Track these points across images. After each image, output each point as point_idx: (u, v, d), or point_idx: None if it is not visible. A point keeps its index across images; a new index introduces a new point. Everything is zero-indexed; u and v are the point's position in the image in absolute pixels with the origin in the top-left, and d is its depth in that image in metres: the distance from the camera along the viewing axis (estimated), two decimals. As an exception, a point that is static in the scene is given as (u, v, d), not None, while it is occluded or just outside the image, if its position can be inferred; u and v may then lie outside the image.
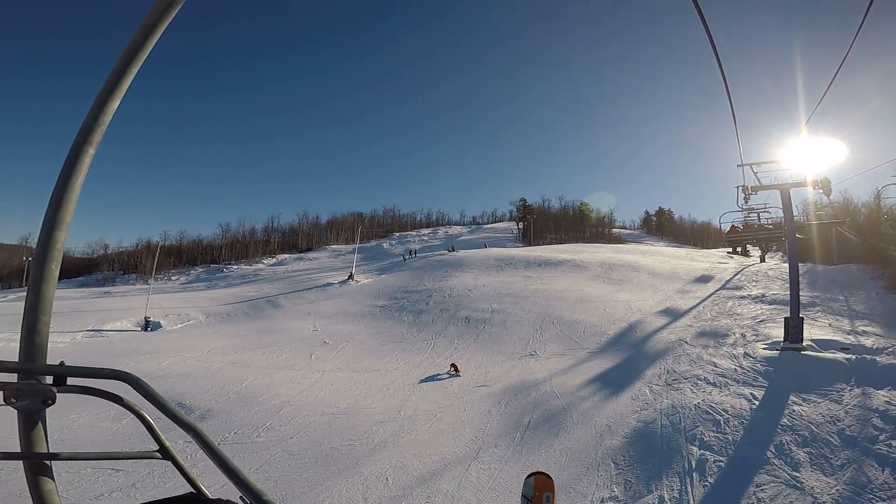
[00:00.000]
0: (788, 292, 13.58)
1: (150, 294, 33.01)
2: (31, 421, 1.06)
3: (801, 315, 12.88)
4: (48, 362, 1.08)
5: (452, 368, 14.82)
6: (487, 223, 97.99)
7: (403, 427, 10.56)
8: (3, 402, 0.98)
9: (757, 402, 9.42)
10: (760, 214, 26.05)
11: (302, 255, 76.37)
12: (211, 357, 17.89)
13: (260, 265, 72.69)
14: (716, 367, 12.14)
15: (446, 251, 47.06)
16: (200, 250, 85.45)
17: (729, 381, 11.00)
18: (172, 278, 71.40)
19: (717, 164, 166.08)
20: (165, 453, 1.12)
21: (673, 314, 18.74)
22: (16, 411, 0.99)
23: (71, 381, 1.07)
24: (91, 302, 37.51)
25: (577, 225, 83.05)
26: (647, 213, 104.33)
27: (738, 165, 14.85)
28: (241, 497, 0.88)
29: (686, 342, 14.84)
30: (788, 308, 13.15)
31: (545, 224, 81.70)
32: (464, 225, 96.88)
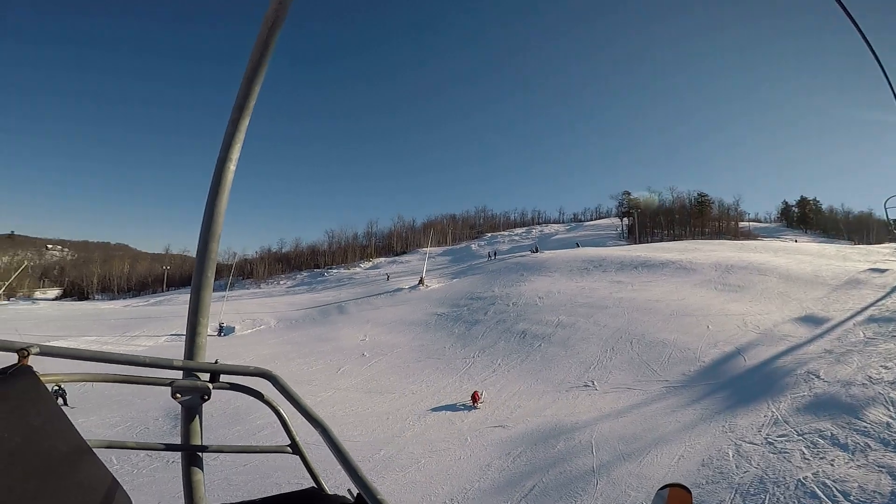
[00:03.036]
0: None
1: (260, 297, 36.38)
2: (190, 415, 1.30)
3: None
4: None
5: (472, 399, 12.67)
6: (590, 220, 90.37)
7: (371, 471, 8.87)
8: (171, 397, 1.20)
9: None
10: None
11: (396, 258, 79.08)
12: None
13: (357, 269, 77.04)
14: (858, 417, 8.19)
15: (529, 252, 43.79)
16: (306, 256, 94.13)
17: (873, 445, 7.20)
18: (281, 282, 79.54)
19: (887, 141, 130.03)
20: (295, 448, 1.34)
21: (806, 334, 13.83)
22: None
23: (223, 378, 1.28)
24: (178, 309, 42.96)
25: (694, 219, 71.29)
26: (785, 203, 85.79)
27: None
28: (355, 493, 1.00)
29: (818, 377, 10.61)
30: None
31: (654, 219, 71.77)
32: (562, 223, 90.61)
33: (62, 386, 15.05)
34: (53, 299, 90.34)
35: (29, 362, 1.00)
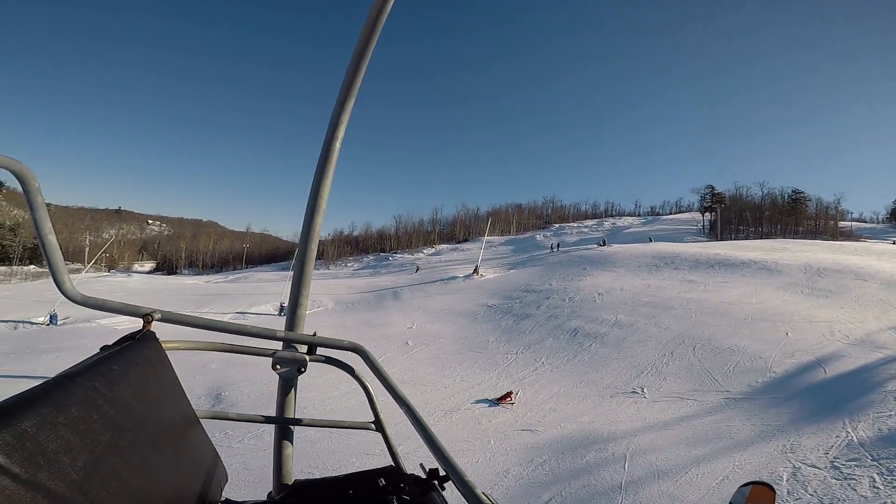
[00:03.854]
0: None
1: (327, 279, 38.40)
2: (286, 387, 1.41)
3: None
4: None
5: (506, 397, 12.20)
6: (669, 214, 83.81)
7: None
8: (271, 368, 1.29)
9: None
10: None
11: (458, 245, 79.41)
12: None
13: (420, 255, 78.46)
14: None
15: (596, 245, 41.55)
16: (374, 240, 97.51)
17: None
18: (348, 265, 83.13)
19: None
20: (378, 426, 1.43)
21: (908, 350, 11.75)
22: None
23: (319, 351, 1.38)
24: (261, 286, 46.03)
25: (786, 217, 63.57)
26: (895, 203, 75.08)
27: None
28: (432, 469, 1.10)
29: (917, 397, 8.95)
30: None
31: (741, 215, 64.83)
32: (638, 216, 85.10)
33: None
34: (148, 272, 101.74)
35: (152, 328, 1.07)
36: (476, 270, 35.23)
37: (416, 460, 1.36)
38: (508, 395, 12.44)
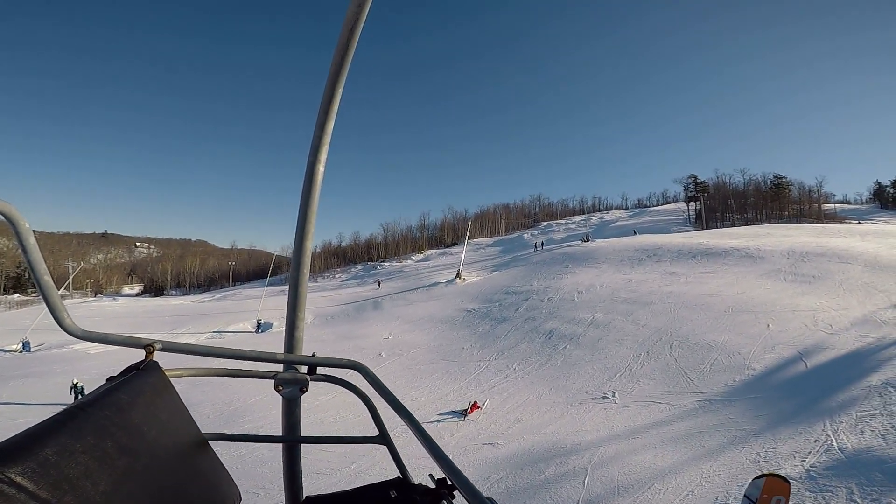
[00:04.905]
0: None
1: (314, 292, 37.68)
2: (290, 407, 1.43)
3: None
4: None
5: (473, 408, 11.67)
6: (655, 206, 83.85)
7: (333, 487, 8.22)
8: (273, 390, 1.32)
9: None
10: None
11: (446, 249, 78.73)
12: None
13: (408, 262, 77.68)
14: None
15: (580, 241, 41.15)
16: (362, 249, 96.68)
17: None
18: (336, 276, 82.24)
19: None
20: (383, 439, 1.44)
21: (893, 334, 11.28)
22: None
23: (319, 370, 1.42)
24: (244, 303, 45.27)
25: (770, 203, 63.80)
26: (878, 183, 75.87)
27: None
28: (439, 479, 1.11)
29: (898, 388, 8.53)
30: None
31: (726, 203, 64.97)
32: (625, 209, 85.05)
33: (79, 384, 16.08)
34: (136, 295, 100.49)
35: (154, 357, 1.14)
36: (458, 275, 34.72)
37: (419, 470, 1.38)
38: (476, 405, 11.92)
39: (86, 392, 15.99)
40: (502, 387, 13.37)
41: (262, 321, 30.10)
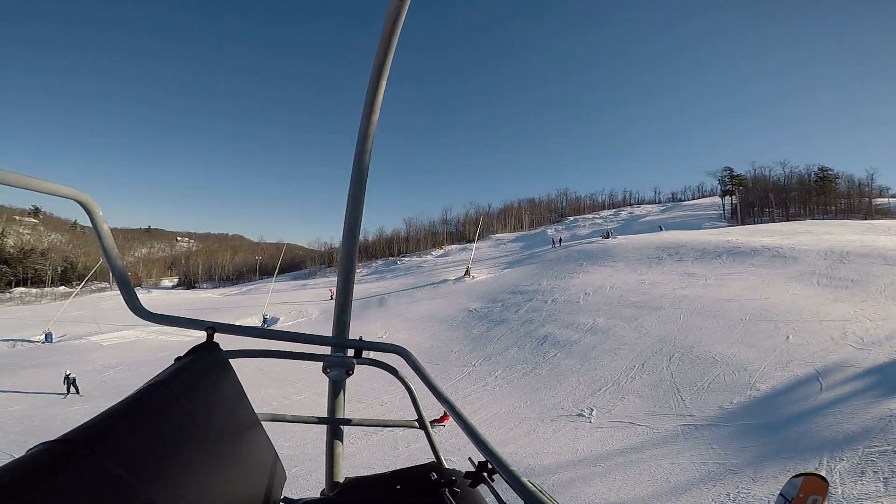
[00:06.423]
0: None
1: (329, 287, 37.58)
2: (336, 389, 1.53)
3: None
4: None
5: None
6: (690, 200, 79.46)
7: None
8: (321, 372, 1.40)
9: None
10: None
11: (467, 244, 77.74)
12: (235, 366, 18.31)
13: (428, 257, 77.19)
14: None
15: (601, 237, 39.24)
16: (383, 244, 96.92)
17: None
18: (357, 271, 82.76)
19: None
20: (421, 423, 1.49)
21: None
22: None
23: (364, 353, 1.47)
24: (262, 297, 45.83)
25: (814, 197, 58.63)
26: None
27: None
28: (480, 462, 1.05)
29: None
30: None
31: (764, 197, 60.24)
32: (658, 203, 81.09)
33: (71, 375, 16.29)
34: (171, 287, 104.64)
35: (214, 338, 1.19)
36: (467, 272, 33.75)
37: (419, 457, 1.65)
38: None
39: (77, 383, 16.36)
40: (477, 396, 12.43)
41: (268, 316, 30.19)
